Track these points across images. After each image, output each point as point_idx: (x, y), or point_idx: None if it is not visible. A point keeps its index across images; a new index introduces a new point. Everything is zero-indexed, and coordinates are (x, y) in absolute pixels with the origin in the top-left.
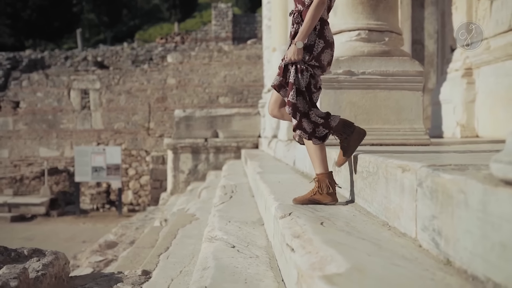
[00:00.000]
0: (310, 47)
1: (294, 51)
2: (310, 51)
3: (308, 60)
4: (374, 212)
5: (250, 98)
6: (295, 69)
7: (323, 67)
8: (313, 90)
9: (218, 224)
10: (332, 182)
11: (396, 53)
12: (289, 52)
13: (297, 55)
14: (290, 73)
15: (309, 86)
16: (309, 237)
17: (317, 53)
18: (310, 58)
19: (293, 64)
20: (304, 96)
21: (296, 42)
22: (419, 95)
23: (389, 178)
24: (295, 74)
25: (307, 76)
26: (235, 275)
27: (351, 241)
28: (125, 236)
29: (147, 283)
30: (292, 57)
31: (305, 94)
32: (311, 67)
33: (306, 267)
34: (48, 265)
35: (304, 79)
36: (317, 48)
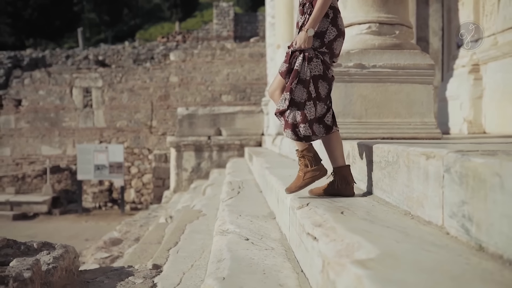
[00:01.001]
0: (321, 34)
1: (304, 38)
2: (321, 38)
3: (319, 47)
4: (394, 202)
5: (253, 96)
6: (302, 57)
7: (334, 55)
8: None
9: (229, 218)
10: (350, 176)
11: (407, 46)
12: (299, 39)
13: (307, 42)
14: (297, 60)
15: (324, 73)
16: (332, 225)
17: (328, 41)
18: (321, 45)
19: (301, 51)
20: (307, 86)
21: (307, 29)
22: (430, 88)
23: (411, 167)
24: (302, 62)
25: (318, 63)
26: (252, 266)
27: (375, 229)
28: (130, 233)
29: (158, 276)
30: (302, 44)
31: (309, 83)
32: (321, 54)
33: (332, 254)
34: (59, 258)
35: (313, 66)
36: (329, 36)
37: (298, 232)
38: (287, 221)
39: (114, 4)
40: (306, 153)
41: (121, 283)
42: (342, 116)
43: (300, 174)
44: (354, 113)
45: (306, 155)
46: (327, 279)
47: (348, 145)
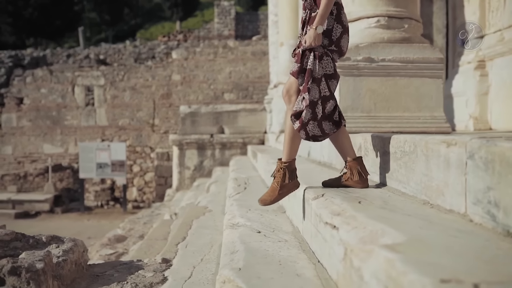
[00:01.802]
0: (328, 32)
1: (314, 36)
2: (328, 36)
3: (328, 45)
4: (411, 192)
5: (256, 94)
6: (313, 56)
7: (342, 53)
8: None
9: (239, 212)
10: (363, 168)
11: (416, 40)
12: (308, 37)
13: (317, 40)
14: (308, 59)
15: (334, 74)
16: (351, 214)
17: (336, 38)
18: (330, 43)
19: (311, 50)
20: (318, 84)
21: (316, 26)
22: (439, 82)
23: (430, 155)
24: (314, 60)
25: (329, 61)
26: (267, 258)
27: (396, 217)
28: (134, 231)
29: (168, 270)
30: (312, 42)
31: (320, 81)
32: (330, 52)
33: (355, 241)
34: (68, 251)
35: (324, 64)
36: (335, 33)
37: (314, 223)
38: (300, 214)
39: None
40: (288, 166)
41: (131, 276)
42: (351, 110)
43: (274, 186)
44: (363, 107)
45: (287, 168)
46: (350, 267)
47: (360, 138)
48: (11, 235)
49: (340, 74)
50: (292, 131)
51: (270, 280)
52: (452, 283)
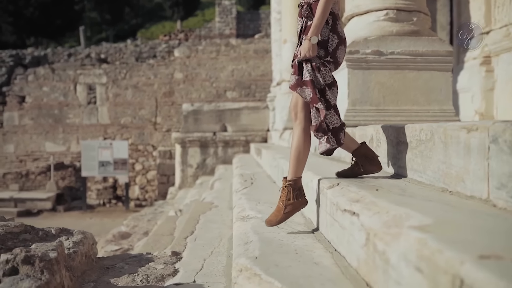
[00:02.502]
0: (324, 43)
1: (308, 47)
2: (324, 47)
3: (324, 56)
4: (428, 181)
5: (258, 92)
6: (311, 67)
7: (338, 64)
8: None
9: (248, 205)
10: (370, 151)
11: (425, 33)
12: (303, 48)
13: (312, 51)
14: (306, 71)
15: (334, 82)
16: (371, 200)
17: (332, 49)
18: (326, 54)
19: (308, 61)
20: (323, 94)
21: (310, 37)
22: (448, 75)
23: (448, 142)
24: (313, 72)
25: (326, 71)
26: (283, 247)
27: (418, 202)
28: (138, 227)
29: (179, 262)
30: (307, 53)
31: (325, 92)
32: (327, 63)
33: (378, 226)
34: (79, 243)
35: (323, 75)
36: (331, 44)
37: (330, 212)
38: (312, 205)
39: (116, 3)
40: (293, 184)
41: (141, 268)
42: (359, 104)
43: (280, 206)
44: (372, 101)
45: (292, 186)
46: (373, 251)
47: (372, 129)
48: (21, 227)
49: (349, 67)
50: (299, 147)
51: (288, 268)
52: (491, 259)
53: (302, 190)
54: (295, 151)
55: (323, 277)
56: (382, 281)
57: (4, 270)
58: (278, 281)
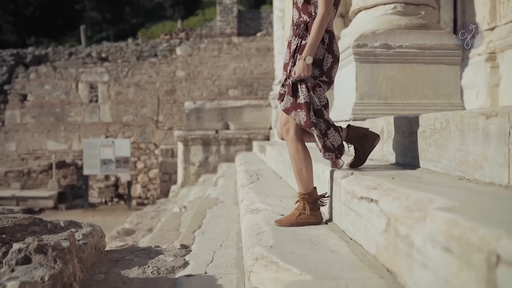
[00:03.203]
0: (319, 62)
1: (303, 66)
2: (319, 66)
3: (319, 76)
4: (443, 170)
5: (260, 90)
6: (306, 88)
7: (330, 83)
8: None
9: (257, 198)
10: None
11: (433, 27)
12: (297, 68)
13: (307, 71)
14: (301, 92)
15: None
16: (389, 187)
17: (327, 69)
18: (321, 73)
19: (302, 81)
20: (321, 115)
21: (305, 57)
22: (457, 69)
23: (465, 130)
24: (308, 93)
25: (321, 91)
26: (297, 237)
27: (437, 188)
28: (142, 224)
29: (189, 255)
30: (302, 73)
31: (322, 112)
32: (322, 83)
33: (399, 211)
34: (88, 235)
35: (318, 95)
36: (326, 63)
37: (344, 201)
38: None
39: (116, 2)
40: (308, 198)
41: (151, 260)
42: (367, 98)
43: (295, 212)
44: (380, 94)
45: (307, 199)
46: (394, 236)
47: (382, 121)
48: (29, 220)
49: (357, 61)
50: (297, 161)
51: (305, 256)
52: None
53: (317, 203)
54: (296, 166)
55: (341, 264)
56: (405, 265)
57: (17, 259)
58: (297, 268)
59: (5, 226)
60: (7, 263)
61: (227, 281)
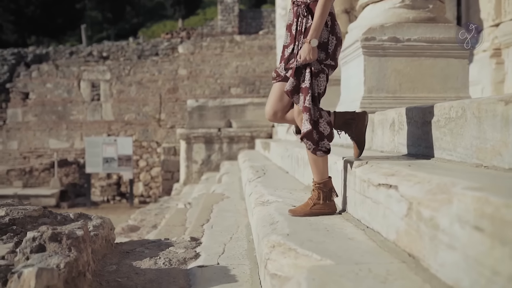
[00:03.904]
0: (324, 45)
1: (308, 49)
2: (325, 49)
3: (325, 59)
4: (458, 158)
5: (262, 89)
6: (310, 72)
7: (336, 67)
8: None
9: (266, 191)
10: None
11: (441, 20)
12: (303, 52)
13: (312, 54)
14: (304, 76)
15: (325, 90)
16: (408, 173)
17: (332, 51)
18: (327, 57)
19: (307, 66)
20: (316, 103)
21: (310, 40)
22: (465, 63)
23: (482, 117)
24: (310, 78)
25: (324, 78)
26: (312, 225)
27: (457, 174)
28: (146, 221)
29: (199, 247)
30: (307, 56)
31: (317, 100)
32: (327, 67)
33: (422, 194)
34: (98, 226)
35: (319, 83)
36: (331, 46)
37: (359, 190)
38: (340, 184)
39: (117, 1)
40: (323, 187)
41: (162, 252)
42: (376, 91)
43: (309, 202)
44: (388, 88)
45: (322, 189)
46: (417, 220)
47: (393, 112)
48: (39, 211)
49: (365, 54)
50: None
51: (323, 243)
52: None
53: (332, 193)
54: (311, 154)
55: (361, 250)
56: (429, 248)
57: (31, 247)
58: (316, 253)
59: (16, 217)
60: (21, 251)
61: (240, 272)
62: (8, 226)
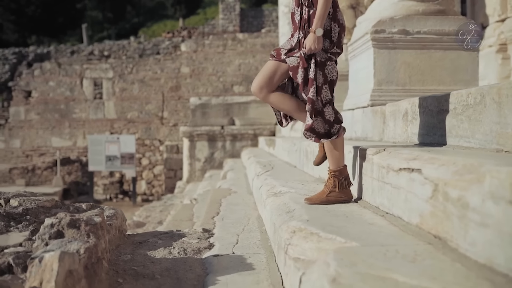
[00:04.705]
0: (327, 33)
1: (313, 39)
2: (329, 37)
3: (330, 47)
4: (477, 144)
5: None
6: (314, 63)
7: (340, 53)
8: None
9: (278, 183)
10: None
11: (451, 12)
12: (308, 42)
13: (318, 43)
14: (309, 67)
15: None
16: (430, 156)
17: (336, 39)
18: (332, 45)
19: (312, 56)
20: (320, 92)
21: (315, 29)
22: (475, 55)
23: (503, 101)
24: (315, 68)
25: (333, 65)
26: (330, 212)
27: (481, 156)
28: (151, 217)
29: (212, 237)
30: (313, 46)
31: (322, 90)
32: (333, 55)
33: (448, 176)
34: (112, 217)
35: (329, 71)
36: (334, 33)
37: (378, 177)
38: (354, 174)
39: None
40: (338, 175)
41: (176, 242)
42: (385, 84)
43: (325, 190)
44: (398, 81)
45: (337, 176)
46: (443, 201)
47: (406, 103)
48: (52, 202)
49: (375, 47)
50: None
51: (345, 228)
52: None
53: (347, 180)
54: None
55: (384, 234)
56: (458, 228)
57: (49, 234)
58: (340, 236)
59: (29, 207)
60: (40, 237)
61: (256, 260)
62: (22, 216)
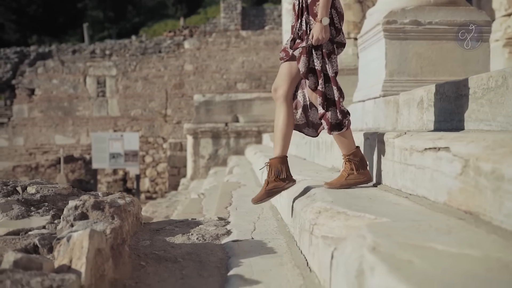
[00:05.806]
0: (331, 21)
1: (320, 29)
2: (332, 25)
3: (336, 35)
4: (498, 127)
5: (269, 84)
6: (321, 54)
7: (345, 43)
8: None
9: None
10: None
11: (462, 3)
12: (315, 32)
13: (325, 33)
14: (314, 58)
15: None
16: (456, 135)
17: (339, 25)
18: (337, 32)
19: (318, 47)
20: (329, 82)
21: (321, 18)
22: (486, 46)
23: None
24: (322, 59)
25: (336, 58)
26: (351, 194)
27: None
28: (158, 213)
29: (229, 225)
30: (320, 35)
31: (331, 80)
32: (338, 45)
33: (479, 151)
34: (130, 204)
35: (332, 64)
36: (337, 21)
37: (399, 159)
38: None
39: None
40: (353, 157)
41: (193, 229)
42: (397, 74)
43: (343, 174)
44: (410, 71)
45: (352, 159)
46: (475, 176)
47: (422, 90)
48: (68, 190)
49: (386, 38)
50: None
51: (371, 207)
52: None
53: (364, 161)
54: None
55: (412, 212)
56: (492, 201)
57: (74, 216)
58: (369, 214)
59: (46, 195)
60: (65, 219)
61: (277, 245)
62: (40, 202)
